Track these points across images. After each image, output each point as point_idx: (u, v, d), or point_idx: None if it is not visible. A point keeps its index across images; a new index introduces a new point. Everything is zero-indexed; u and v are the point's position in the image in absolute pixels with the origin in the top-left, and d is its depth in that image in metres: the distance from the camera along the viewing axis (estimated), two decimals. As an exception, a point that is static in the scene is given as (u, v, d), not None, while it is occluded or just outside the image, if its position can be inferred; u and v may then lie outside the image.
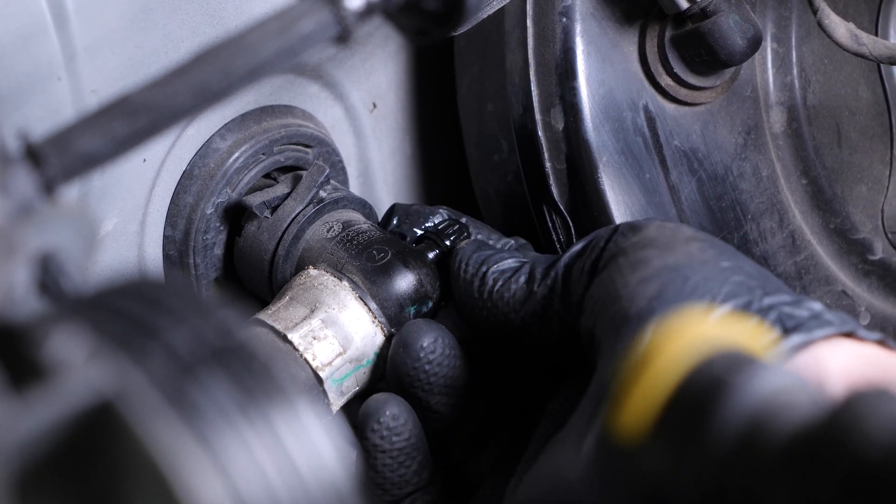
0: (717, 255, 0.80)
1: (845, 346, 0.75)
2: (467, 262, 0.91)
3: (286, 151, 1.04)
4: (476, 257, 0.91)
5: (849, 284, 1.15)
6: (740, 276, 0.78)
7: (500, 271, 0.89)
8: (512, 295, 0.88)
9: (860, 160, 1.17)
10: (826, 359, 0.73)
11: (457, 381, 0.90)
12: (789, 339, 0.73)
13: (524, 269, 0.88)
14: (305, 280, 0.95)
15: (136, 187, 0.98)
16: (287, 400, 0.50)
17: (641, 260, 0.80)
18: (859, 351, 0.75)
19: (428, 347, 0.89)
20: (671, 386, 0.58)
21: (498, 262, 0.90)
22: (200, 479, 0.46)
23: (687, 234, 0.82)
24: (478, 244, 0.94)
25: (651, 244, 0.81)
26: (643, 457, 0.58)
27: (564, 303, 0.85)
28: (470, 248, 0.93)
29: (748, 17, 1.00)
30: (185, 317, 0.50)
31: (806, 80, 1.14)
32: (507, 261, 0.90)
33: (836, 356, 0.74)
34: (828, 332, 0.74)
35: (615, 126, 1.02)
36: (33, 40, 0.82)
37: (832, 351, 0.74)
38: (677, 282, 0.77)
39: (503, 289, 0.88)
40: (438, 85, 1.18)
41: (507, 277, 0.89)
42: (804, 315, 0.75)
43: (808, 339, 0.73)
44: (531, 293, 0.87)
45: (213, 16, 0.95)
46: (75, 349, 0.48)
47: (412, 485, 0.89)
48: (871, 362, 0.74)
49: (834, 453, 0.53)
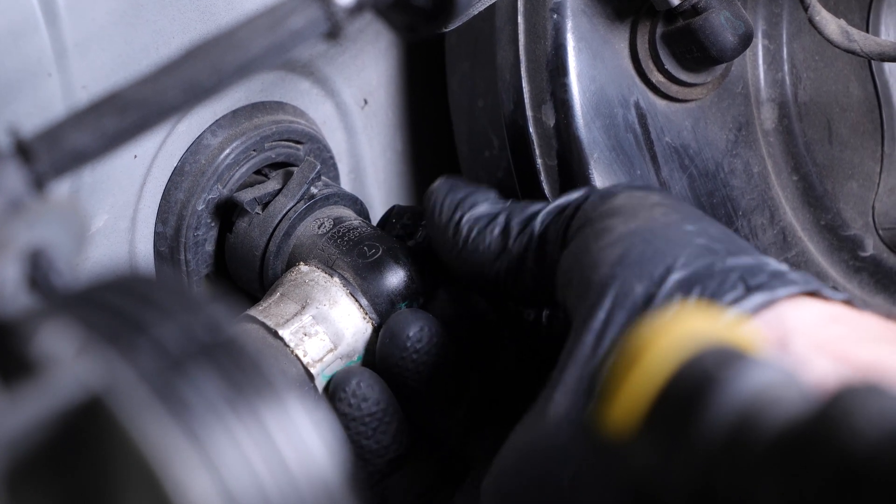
0: (681, 218, 0.79)
1: (810, 304, 0.74)
2: (441, 206, 0.91)
3: (277, 148, 1.04)
4: (450, 200, 0.90)
5: (839, 281, 1.15)
6: (704, 238, 0.78)
7: (474, 218, 0.88)
8: (487, 247, 0.87)
9: (851, 157, 1.17)
10: (790, 317, 0.73)
11: (445, 367, 0.90)
12: (751, 297, 0.73)
13: (500, 218, 0.87)
14: (296, 276, 0.95)
15: (127, 184, 0.98)
16: (276, 395, 0.50)
17: (606, 228, 0.79)
18: (825, 309, 0.74)
19: (414, 336, 0.89)
20: (660, 381, 0.58)
21: (472, 206, 0.89)
22: (189, 475, 0.46)
23: (653, 200, 0.82)
24: (451, 183, 0.92)
25: (617, 212, 0.81)
26: (631, 452, 0.58)
27: (539, 264, 0.85)
28: (444, 187, 0.92)
29: (739, 13, 1.00)
30: (174, 312, 0.50)
31: (797, 76, 1.14)
32: (482, 206, 0.89)
33: (801, 314, 0.73)
34: (791, 291, 0.74)
35: (606, 122, 1.02)
36: (23, 36, 0.82)
37: (796, 309, 0.74)
38: (639, 246, 0.77)
39: (478, 239, 0.87)
40: (429, 81, 1.18)
41: (482, 227, 0.87)
42: (766, 275, 0.75)
43: (770, 298, 0.73)
44: (505, 248, 0.86)
45: (204, 12, 0.95)
46: (64, 344, 0.48)
47: (392, 451, 0.89)
48: (836, 320, 0.74)
49: (822, 449, 0.53)
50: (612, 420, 0.59)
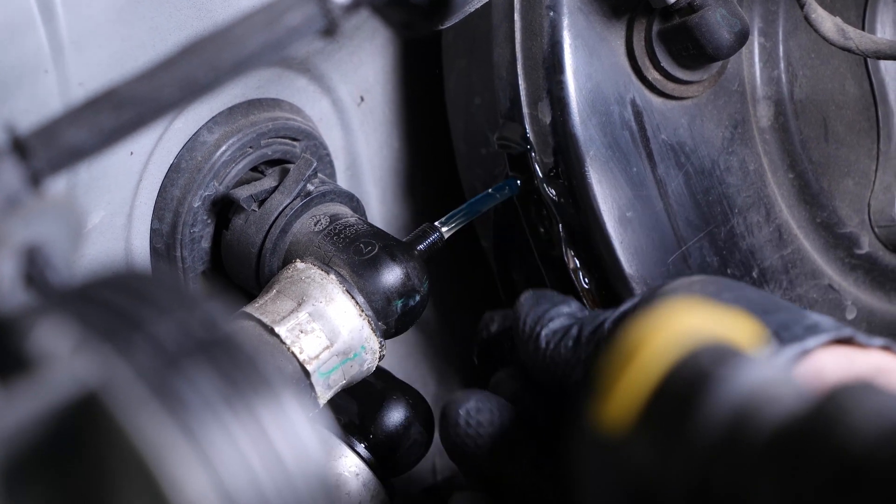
0: (718, 290, 0.79)
1: (849, 355, 0.73)
2: (525, 321, 0.91)
3: (274, 145, 1.04)
4: (533, 315, 0.91)
5: (835, 278, 1.16)
6: (743, 304, 0.77)
7: (552, 332, 0.88)
8: (563, 359, 0.87)
9: (847, 154, 1.18)
10: (826, 368, 0.71)
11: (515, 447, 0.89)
12: (784, 350, 0.72)
13: (573, 330, 0.87)
14: (293, 273, 0.95)
15: (124, 180, 0.98)
16: (272, 392, 0.50)
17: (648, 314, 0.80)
18: (862, 358, 0.73)
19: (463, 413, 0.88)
20: (656, 378, 0.58)
21: (551, 320, 0.89)
22: (185, 471, 0.46)
23: (692, 280, 0.82)
24: (536, 297, 0.92)
25: (658, 296, 0.81)
26: (628, 449, 0.59)
27: None
28: (528, 302, 0.92)
29: (735, 11, 1.00)
30: (170, 309, 0.50)
31: (793, 74, 1.14)
32: (559, 319, 0.89)
33: (837, 364, 0.72)
34: (822, 340, 0.72)
35: (602, 120, 1.02)
36: (20, 33, 0.82)
37: (835, 363, 0.72)
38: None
39: (554, 352, 0.87)
40: (426, 79, 1.18)
41: (558, 340, 0.87)
42: (801, 328, 0.74)
43: (802, 349, 0.72)
44: (579, 359, 0.86)
45: (200, 9, 0.95)
46: (61, 341, 0.48)
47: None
48: (874, 368, 0.73)
49: (818, 446, 0.53)
50: (609, 417, 0.59)
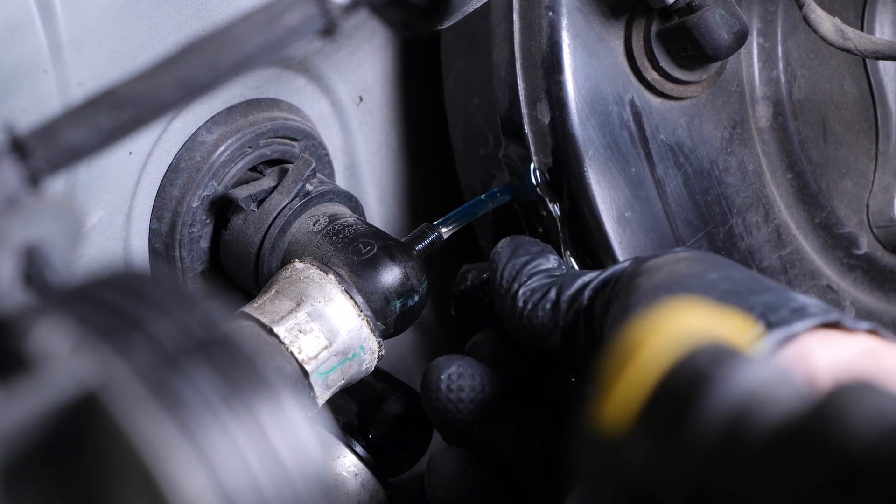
0: (705, 268, 0.80)
1: (836, 338, 0.74)
2: (501, 275, 0.91)
3: (272, 145, 1.04)
4: (509, 269, 0.91)
5: (834, 279, 1.16)
6: (728, 283, 0.77)
7: (530, 291, 0.89)
8: (540, 322, 0.88)
9: (846, 155, 1.18)
10: (814, 352, 0.72)
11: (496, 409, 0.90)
12: (770, 334, 0.73)
13: (551, 293, 0.88)
14: (291, 273, 0.95)
15: (123, 180, 0.98)
16: (271, 392, 0.50)
17: (633, 288, 0.80)
18: (849, 342, 0.74)
19: (445, 378, 0.89)
20: (655, 379, 0.58)
21: (529, 277, 0.90)
22: (184, 471, 0.46)
23: (678, 256, 0.82)
24: (513, 247, 0.93)
25: (644, 272, 0.81)
26: (627, 450, 0.58)
27: (588, 338, 0.86)
28: (505, 252, 0.93)
29: (734, 11, 1.00)
30: (169, 309, 0.50)
31: (792, 74, 1.14)
32: (537, 278, 0.90)
33: (825, 348, 0.73)
34: (809, 324, 0.73)
35: (601, 120, 1.02)
36: (19, 33, 0.82)
37: (822, 345, 0.73)
38: (663, 298, 0.77)
39: (531, 314, 0.88)
40: (425, 79, 1.18)
41: (536, 301, 0.88)
42: (788, 310, 0.75)
43: (788, 333, 0.73)
44: (557, 324, 0.87)
45: (200, 8, 0.95)
46: (60, 341, 0.48)
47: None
48: (862, 352, 0.74)
49: (817, 447, 0.53)
50: (608, 417, 0.59)
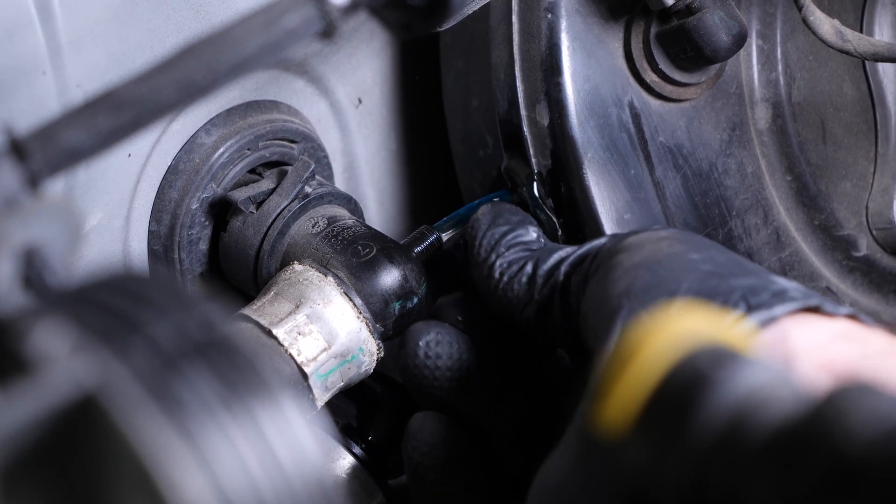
0: (687, 249, 0.80)
1: (815, 322, 0.74)
2: (480, 244, 0.92)
3: (271, 147, 1.04)
4: (489, 238, 0.91)
5: (833, 281, 1.15)
6: (709, 265, 0.78)
7: (507, 263, 0.90)
8: (516, 295, 0.88)
9: (845, 157, 1.18)
10: (794, 336, 0.73)
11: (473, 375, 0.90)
12: (750, 317, 0.73)
13: (527, 267, 0.89)
14: (290, 275, 0.95)
15: (122, 182, 0.98)
16: (270, 394, 0.50)
17: (614, 265, 0.81)
18: (829, 327, 0.74)
19: (424, 344, 0.90)
20: (654, 381, 0.58)
21: (507, 248, 0.90)
22: (183, 473, 0.46)
23: (660, 235, 0.83)
24: (493, 215, 0.94)
25: (624, 249, 0.82)
26: (625, 451, 0.59)
27: (564, 313, 0.86)
28: (485, 220, 0.93)
29: (733, 13, 1.00)
30: (168, 311, 0.50)
31: (791, 76, 1.14)
32: (514, 250, 0.90)
33: (805, 333, 0.73)
34: (790, 308, 0.74)
35: (600, 122, 1.02)
36: (18, 34, 0.82)
37: (801, 328, 0.74)
38: (644, 276, 0.77)
39: (507, 286, 0.89)
40: (424, 80, 1.18)
41: (513, 274, 0.89)
42: (769, 293, 0.75)
43: (768, 317, 0.73)
44: (532, 297, 0.87)
45: (198, 10, 0.95)
46: (59, 343, 0.48)
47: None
48: (841, 338, 0.74)
49: (815, 448, 0.53)
50: (607, 419, 0.59)
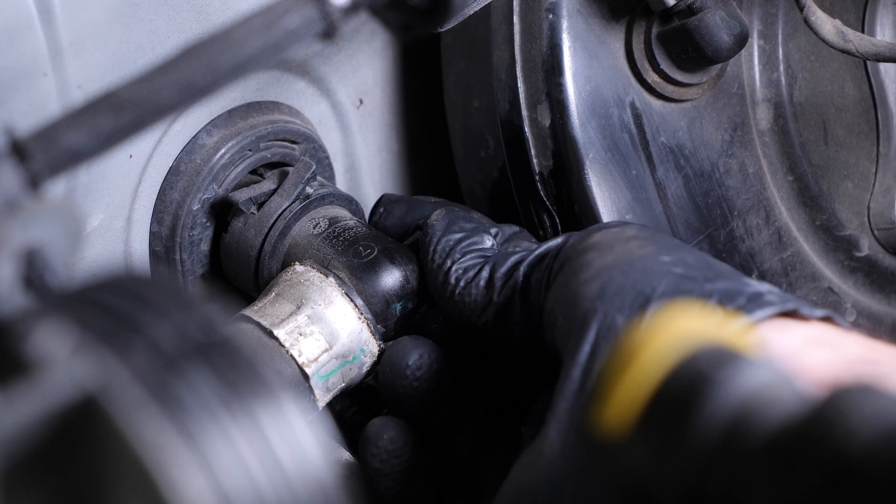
0: (657, 250, 0.80)
1: (792, 327, 0.75)
2: (434, 250, 0.91)
3: (273, 148, 1.04)
4: (443, 245, 0.91)
5: (835, 281, 1.16)
6: (681, 267, 0.78)
7: (462, 269, 0.89)
8: (473, 300, 0.88)
9: (846, 157, 1.18)
10: (771, 342, 0.73)
11: (448, 392, 0.90)
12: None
13: (484, 271, 0.88)
14: (292, 276, 0.95)
15: (123, 183, 0.98)
16: (271, 395, 0.50)
17: (584, 264, 0.80)
18: (806, 332, 0.75)
19: (413, 365, 0.89)
20: (655, 381, 0.58)
21: (462, 255, 0.90)
22: (184, 474, 0.46)
23: (629, 234, 0.83)
24: (448, 221, 0.93)
25: (593, 247, 0.82)
26: (625, 452, 0.58)
27: (525, 313, 0.86)
28: (439, 226, 0.93)
29: (735, 13, 1.00)
30: (169, 312, 0.50)
31: (792, 76, 1.14)
32: (470, 256, 0.90)
33: (783, 339, 0.74)
34: (767, 313, 0.74)
35: (602, 123, 1.02)
36: (19, 35, 0.82)
37: (779, 333, 0.74)
38: (617, 279, 0.78)
39: (464, 292, 0.89)
40: (425, 81, 1.18)
41: (469, 279, 0.89)
42: (744, 298, 0.75)
43: (748, 322, 0.74)
44: (491, 300, 0.87)
45: (199, 11, 0.95)
46: (59, 344, 0.48)
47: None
48: (819, 343, 0.74)
49: (816, 449, 0.53)
50: (607, 420, 0.59)
